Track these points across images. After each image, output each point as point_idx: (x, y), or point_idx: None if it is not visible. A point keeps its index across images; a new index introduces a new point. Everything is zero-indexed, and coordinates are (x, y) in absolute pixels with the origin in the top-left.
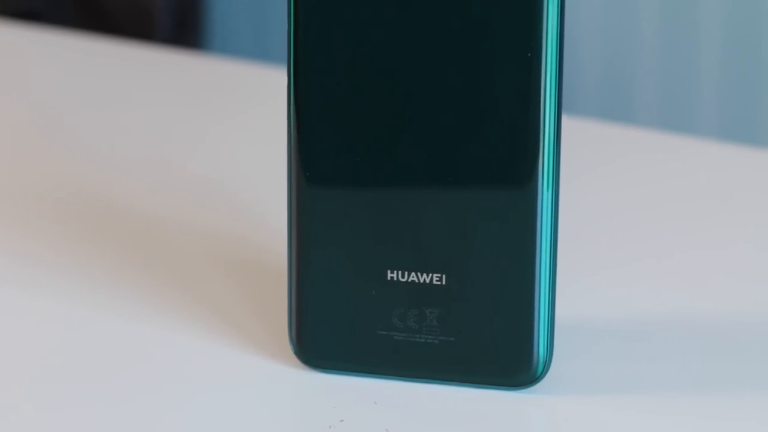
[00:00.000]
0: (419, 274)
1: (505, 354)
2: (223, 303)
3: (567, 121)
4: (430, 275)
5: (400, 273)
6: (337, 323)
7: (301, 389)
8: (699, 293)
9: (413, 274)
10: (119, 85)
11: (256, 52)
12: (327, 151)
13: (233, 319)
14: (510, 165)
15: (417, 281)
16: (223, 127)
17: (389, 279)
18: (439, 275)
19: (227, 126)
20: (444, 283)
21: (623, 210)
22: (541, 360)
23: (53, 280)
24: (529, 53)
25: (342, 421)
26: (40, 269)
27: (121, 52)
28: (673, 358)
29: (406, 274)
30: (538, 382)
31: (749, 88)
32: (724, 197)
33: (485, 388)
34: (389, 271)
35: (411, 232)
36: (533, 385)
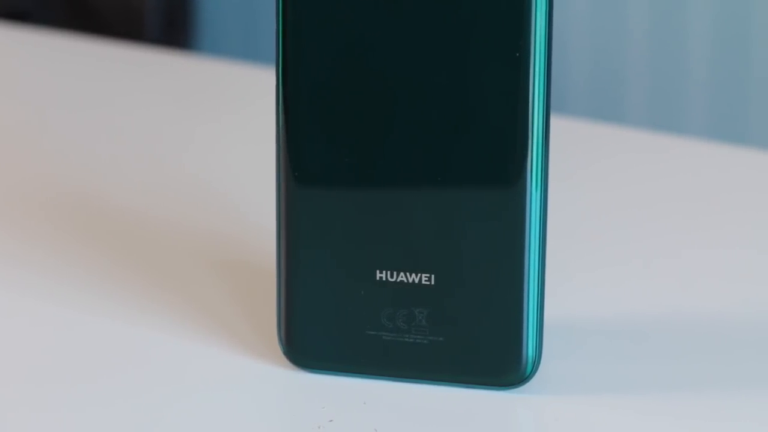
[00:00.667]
0: (408, 274)
1: (494, 354)
2: (211, 303)
3: (556, 121)
4: (419, 275)
5: (389, 273)
6: (326, 323)
7: (290, 389)
8: (689, 292)
9: (402, 274)
10: (108, 85)
11: (245, 52)
12: (316, 151)
13: (222, 319)
14: (499, 165)
15: (406, 281)
16: (212, 127)
17: (378, 279)
18: (428, 275)
19: (216, 126)
20: (433, 283)
21: (612, 210)
22: (530, 360)
23: (42, 281)
24: (518, 53)
25: (331, 421)
26: (28, 270)
27: (110, 52)
28: (663, 358)
29: (395, 274)
30: (527, 381)
31: (738, 88)
32: (713, 197)
33: (474, 388)
34: (378, 271)
35: (400, 232)
36: (522, 384)
